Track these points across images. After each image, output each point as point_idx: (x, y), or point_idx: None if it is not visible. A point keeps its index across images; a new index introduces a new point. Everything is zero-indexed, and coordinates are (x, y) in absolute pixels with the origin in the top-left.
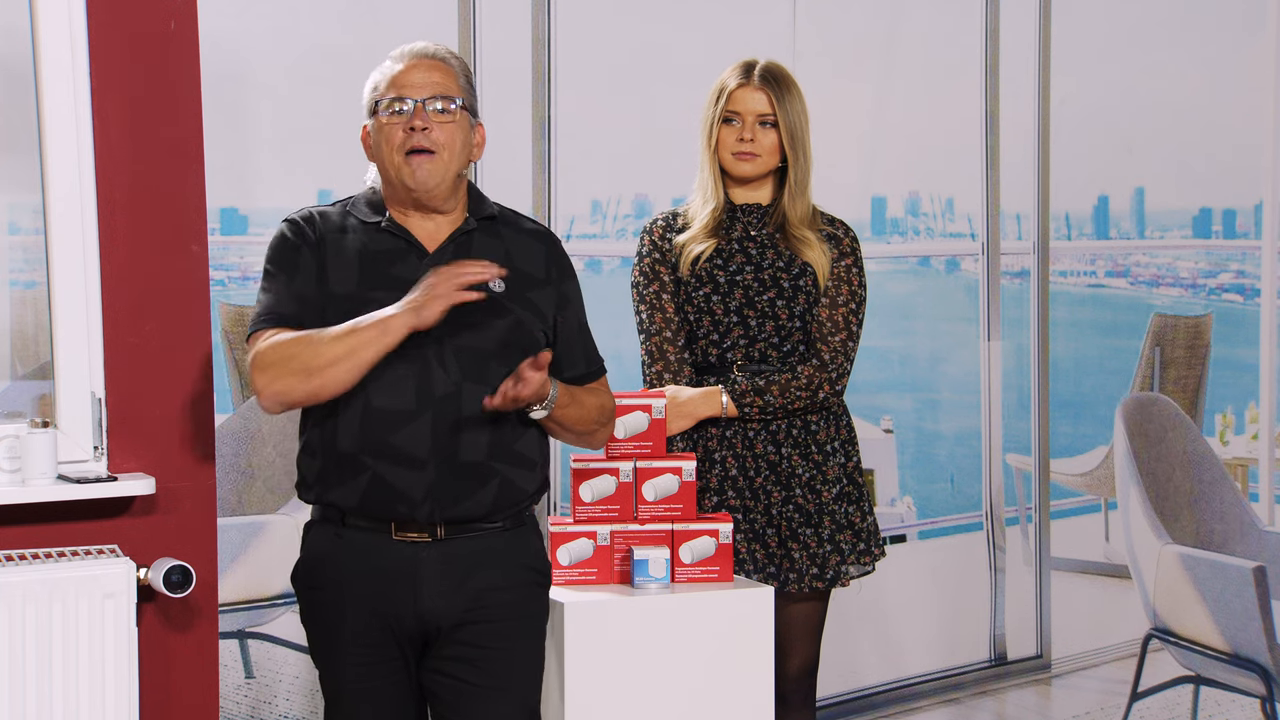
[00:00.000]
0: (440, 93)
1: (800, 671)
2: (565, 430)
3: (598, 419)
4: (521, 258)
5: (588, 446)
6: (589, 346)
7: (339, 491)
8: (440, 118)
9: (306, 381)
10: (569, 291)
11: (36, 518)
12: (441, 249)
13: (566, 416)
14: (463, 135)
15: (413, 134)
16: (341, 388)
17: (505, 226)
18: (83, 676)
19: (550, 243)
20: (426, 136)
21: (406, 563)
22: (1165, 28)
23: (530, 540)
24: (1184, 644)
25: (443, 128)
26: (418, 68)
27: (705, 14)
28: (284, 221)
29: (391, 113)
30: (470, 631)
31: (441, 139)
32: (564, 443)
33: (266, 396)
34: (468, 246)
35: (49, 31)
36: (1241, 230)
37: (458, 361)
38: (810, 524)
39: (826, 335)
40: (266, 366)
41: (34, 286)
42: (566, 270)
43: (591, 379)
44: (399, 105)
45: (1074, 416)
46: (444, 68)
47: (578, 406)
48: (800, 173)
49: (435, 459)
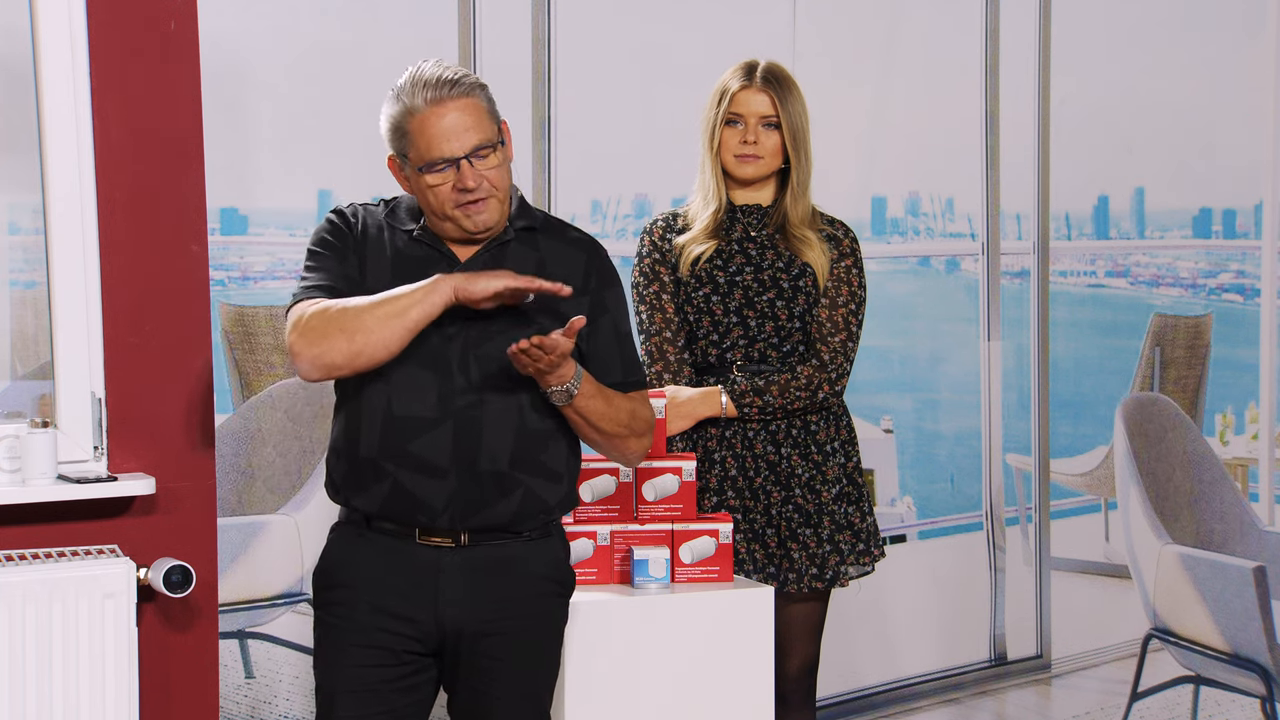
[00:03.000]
0: (480, 141)
1: (800, 671)
2: (592, 429)
3: (629, 424)
4: (557, 268)
5: (621, 458)
6: (628, 356)
7: (362, 497)
8: (485, 164)
9: (350, 342)
10: (608, 299)
11: (36, 518)
12: (474, 259)
13: (591, 410)
14: (506, 163)
15: (465, 193)
16: (384, 352)
17: (546, 236)
18: (83, 676)
19: (592, 252)
20: (480, 189)
21: (428, 567)
22: (1165, 28)
23: (554, 550)
24: (1184, 644)
25: (491, 172)
26: (446, 111)
27: (705, 14)
28: (332, 211)
29: (435, 171)
30: (490, 642)
31: (492, 182)
32: (595, 449)
33: (305, 360)
34: (501, 257)
35: (49, 31)
36: (1241, 230)
37: (480, 371)
38: (810, 524)
39: (826, 335)
40: (307, 330)
41: (34, 286)
42: (608, 278)
43: (628, 389)
44: (443, 165)
45: (1074, 416)
46: (473, 104)
47: (605, 403)
48: (802, 174)
49: (456, 468)
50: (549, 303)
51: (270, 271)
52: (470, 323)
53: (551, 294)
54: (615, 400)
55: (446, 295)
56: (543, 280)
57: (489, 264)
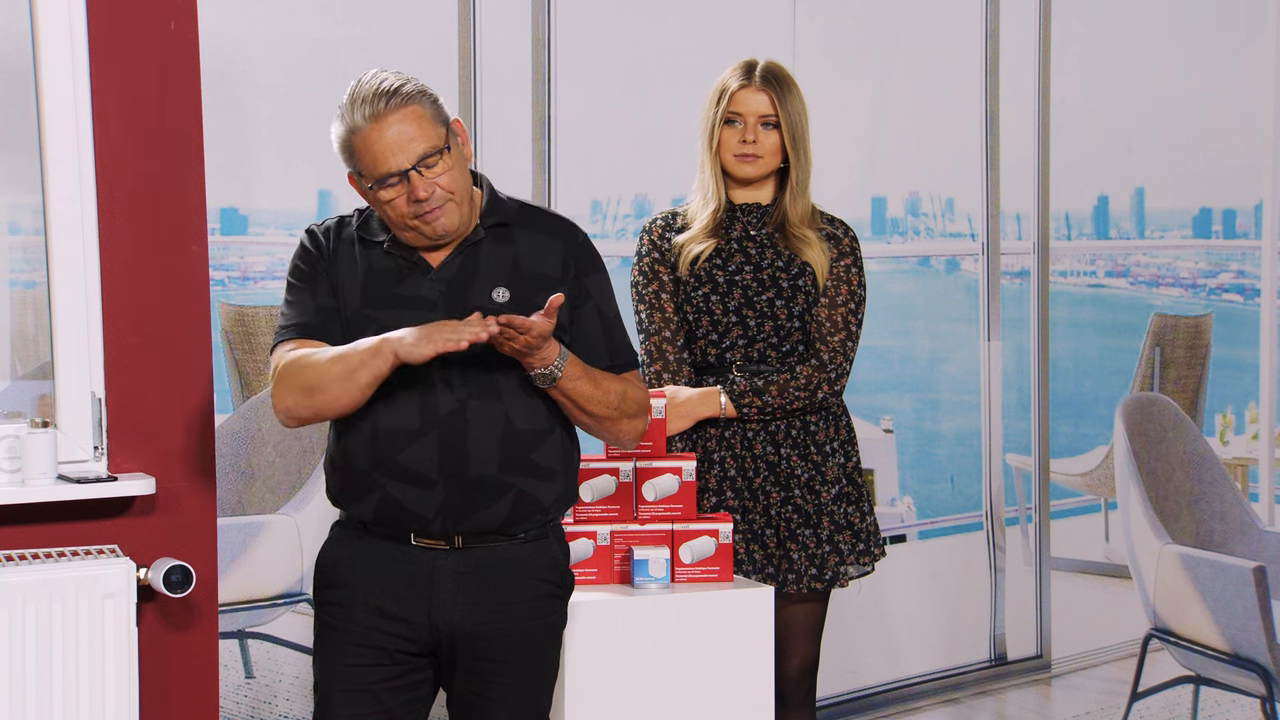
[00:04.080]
0: (426, 149)
1: (800, 671)
2: (581, 412)
3: (619, 405)
4: (534, 261)
5: (615, 440)
6: (615, 338)
7: (355, 507)
8: (434, 171)
9: (310, 399)
10: (590, 284)
11: (36, 518)
12: (447, 263)
13: (578, 393)
14: (459, 167)
15: (418, 204)
16: (343, 407)
17: (520, 229)
18: (83, 677)
19: (569, 238)
20: (432, 199)
21: (423, 569)
22: (1165, 28)
23: (551, 551)
24: (1184, 644)
25: (443, 176)
26: (386, 125)
27: (705, 14)
28: (305, 232)
29: (385, 187)
30: (487, 644)
31: (445, 187)
32: (589, 434)
33: (279, 412)
34: (475, 258)
35: (49, 31)
36: (1241, 230)
37: (463, 378)
38: (809, 524)
39: (826, 335)
40: (279, 383)
41: (34, 286)
42: (589, 263)
43: (617, 372)
44: (391, 180)
45: (1074, 416)
46: (413, 112)
47: (593, 385)
48: (801, 173)
49: (444, 476)
50: (527, 296)
51: (270, 271)
52: None
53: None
54: (604, 382)
55: (388, 358)
56: (480, 328)
57: (462, 267)
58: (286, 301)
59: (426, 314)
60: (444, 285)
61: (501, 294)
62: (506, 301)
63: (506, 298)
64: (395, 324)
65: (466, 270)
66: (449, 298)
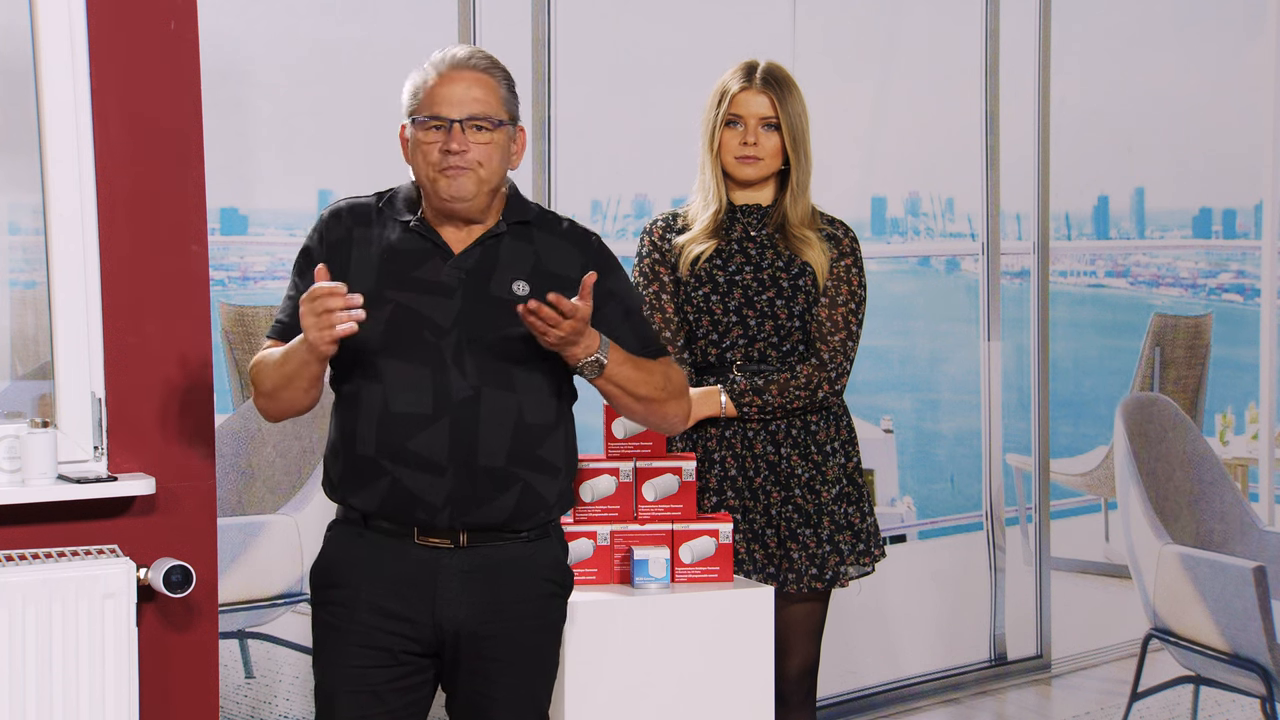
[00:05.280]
0: (479, 112)
1: (800, 671)
2: (630, 397)
3: (664, 387)
4: (553, 261)
5: (664, 425)
6: (642, 331)
7: (360, 496)
8: (479, 137)
9: (272, 402)
10: (612, 285)
11: (36, 518)
12: (467, 252)
13: (626, 378)
14: (500, 152)
15: (449, 155)
16: (296, 409)
17: (540, 230)
18: (83, 677)
19: (586, 244)
20: (463, 157)
21: (426, 568)
22: (1165, 28)
23: (553, 551)
24: (1184, 644)
25: (480, 147)
26: (458, 81)
27: (705, 14)
28: (325, 211)
29: (429, 129)
30: (491, 644)
31: (478, 157)
32: (639, 422)
33: (256, 408)
34: (495, 250)
35: (49, 31)
36: (1241, 230)
37: (476, 366)
38: (809, 524)
39: (826, 335)
40: (250, 384)
41: (34, 286)
42: (608, 266)
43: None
44: (436, 124)
45: (1074, 416)
46: (486, 81)
47: (636, 368)
48: (802, 174)
49: (454, 464)
50: (548, 293)
51: (270, 271)
52: (464, 318)
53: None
54: (646, 364)
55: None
56: (340, 299)
57: (482, 257)
58: (288, 295)
59: (444, 300)
60: (463, 273)
61: (521, 286)
62: (527, 294)
63: (526, 290)
64: (413, 307)
65: (486, 261)
66: (469, 285)
